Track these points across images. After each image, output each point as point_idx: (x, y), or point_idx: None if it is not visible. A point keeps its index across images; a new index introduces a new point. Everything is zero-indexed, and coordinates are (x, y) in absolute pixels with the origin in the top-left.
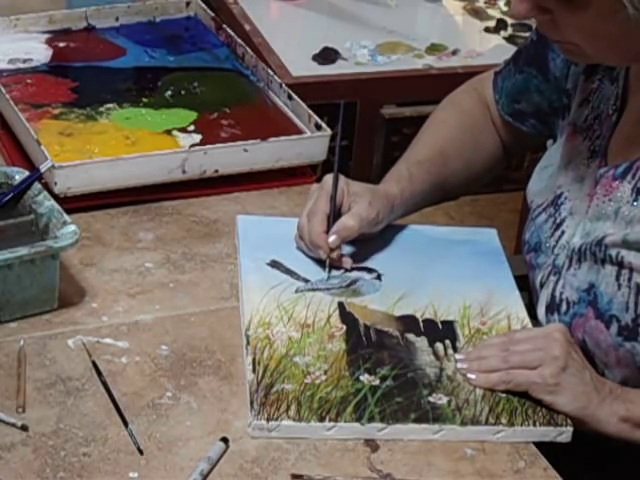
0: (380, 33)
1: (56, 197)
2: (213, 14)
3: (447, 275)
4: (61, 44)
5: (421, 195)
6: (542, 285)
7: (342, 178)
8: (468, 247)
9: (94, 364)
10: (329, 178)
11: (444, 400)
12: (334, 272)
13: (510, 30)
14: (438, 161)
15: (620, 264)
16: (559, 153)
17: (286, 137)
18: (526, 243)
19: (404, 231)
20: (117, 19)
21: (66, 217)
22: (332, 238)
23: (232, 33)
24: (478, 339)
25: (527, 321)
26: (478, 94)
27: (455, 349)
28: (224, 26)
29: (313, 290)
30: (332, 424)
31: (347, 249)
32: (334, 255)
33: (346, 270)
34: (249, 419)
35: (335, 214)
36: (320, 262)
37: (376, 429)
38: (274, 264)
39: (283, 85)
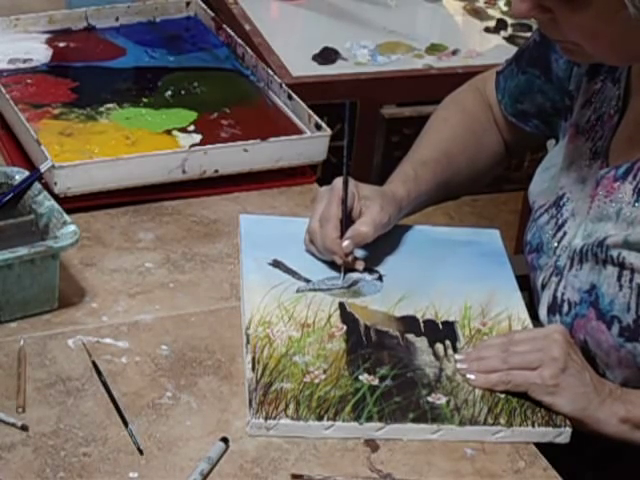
0: (380, 33)
1: (56, 197)
2: (213, 14)
3: (448, 276)
4: (61, 44)
5: (426, 195)
6: (544, 286)
7: (351, 181)
8: (470, 248)
9: (94, 364)
10: (339, 181)
11: (443, 400)
12: (335, 273)
13: (510, 30)
14: (443, 161)
15: (621, 265)
16: (561, 154)
17: (286, 137)
18: (528, 244)
19: (406, 232)
20: (117, 19)
21: (66, 217)
22: (346, 243)
23: (232, 33)
24: (478, 340)
25: (528, 322)
26: (480, 93)
27: (455, 349)
28: (224, 26)
29: (314, 290)
30: (330, 423)
31: None
32: (349, 259)
33: (348, 270)
34: (247, 417)
35: (347, 218)
36: (325, 263)
37: (374, 429)
38: (276, 264)
39: (283, 85)
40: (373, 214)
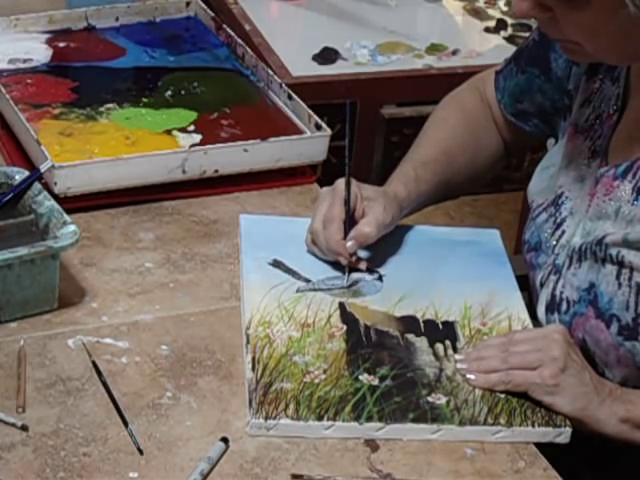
0: (380, 33)
1: (56, 197)
2: (213, 14)
3: (449, 276)
4: (61, 44)
5: (426, 195)
6: (542, 284)
7: (354, 182)
8: (470, 248)
9: (94, 364)
10: (341, 182)
11: (443, 400)
12: (336, 273)
13: (510, 30)
14: (443, 161)
15: (620, 263)
16: (560, 154)
17: (286, 137)
18: (526, 243)
19: (406, 232)
20: (117, 19)
21: (66, 217)
22: (349, 244)
23: (232, 33)
24: (478, 340)
25: (528, 322)
26: (480, 93)
27: (455, 349)
28: (224, 26)
29: (314, 290)
30: (330, 423)
31: None
32: (352, 259)
33: (349, 270)
34: (247, 417)
35: (350, 219)
36: (326, 263)
37: (374, 428)
38: (276, 263)
39: (283, 85)
40: (376, 214)
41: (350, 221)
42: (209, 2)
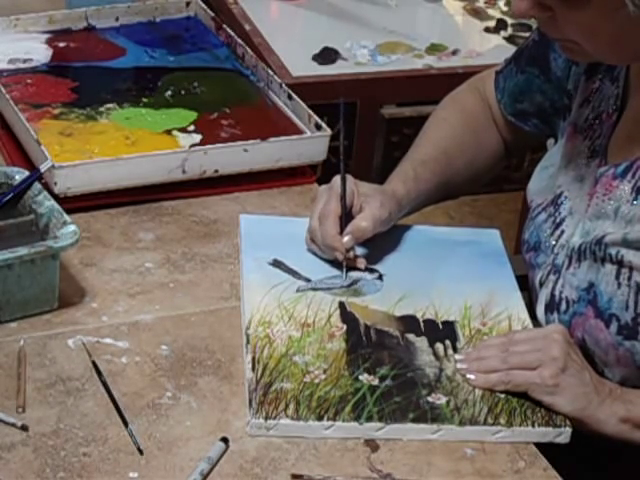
0: (380, 33)
1: (56, 197)
2: (213, 14)
3: (449, 276)
4: (61, 44)
5: (425, 195)
6: (541, 284)
7: (350, 178)
8: (470, 248)
9: (94, 364)
10: (338, 179)
11: (443, 400)
12: (336, 272)
13: (510, 30)
14: (442, 160)
15: (620, 263)
16: (560, 153)
17: (286, 137)
18: (525, 242)
19: (406, 232)
20: (117, 19)
21: (66, 217)
22: (346, 239)
23: (232, 33)
24: (478, 339)
25: (528, 322)
26: (479, 93)
27: (455, 349)
28: (224, 26)
29: (314, 290)
30: (330, 423)
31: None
32: (350, 255)
33: (348, 269)
34: (247, 417)
35: (346, 215)
36: (326, 262)
37: (374, 429)
38: (276, 263)
39: (283, 85)
40: (373, 209)
41: (347, 217)
42: (209, 2)
